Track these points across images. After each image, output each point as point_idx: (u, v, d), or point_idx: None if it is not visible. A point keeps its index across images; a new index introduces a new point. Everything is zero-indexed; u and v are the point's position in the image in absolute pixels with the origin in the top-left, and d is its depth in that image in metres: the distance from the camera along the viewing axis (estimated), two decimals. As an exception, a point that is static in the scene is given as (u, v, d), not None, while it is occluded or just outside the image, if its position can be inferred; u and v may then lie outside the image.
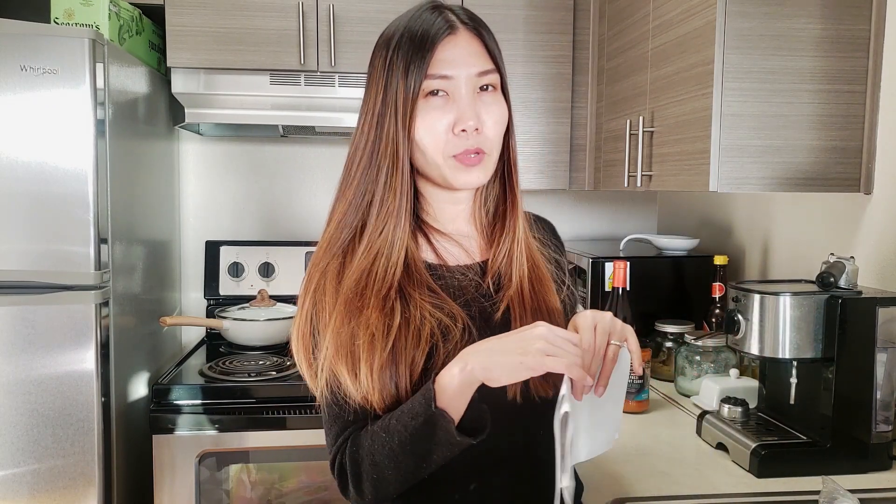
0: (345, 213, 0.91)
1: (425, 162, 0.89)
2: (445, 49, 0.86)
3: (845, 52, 1.36)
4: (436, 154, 0.87)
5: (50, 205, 1.56)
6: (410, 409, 0.80)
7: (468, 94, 0.87)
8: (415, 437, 0.79)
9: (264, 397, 1.79)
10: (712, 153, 1.35)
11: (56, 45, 1.52)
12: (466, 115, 0.86)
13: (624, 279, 1.55)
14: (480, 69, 0.88)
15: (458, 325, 0.87)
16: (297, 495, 1.85)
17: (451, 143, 0.87)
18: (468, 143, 0.87)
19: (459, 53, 0.87)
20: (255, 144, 2.39)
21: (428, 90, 0.86)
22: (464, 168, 0.88)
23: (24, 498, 1.59)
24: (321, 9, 1.98)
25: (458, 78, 0.87)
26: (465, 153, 0.87)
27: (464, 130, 0.86)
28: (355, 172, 0.90)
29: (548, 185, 2.13)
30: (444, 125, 0.87)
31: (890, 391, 1.18)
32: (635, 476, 1.19)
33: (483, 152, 0.89)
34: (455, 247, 0.95)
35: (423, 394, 0.80)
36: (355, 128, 0.92)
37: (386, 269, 0.87)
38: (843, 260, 1.22)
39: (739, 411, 1.33)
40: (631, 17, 1.76)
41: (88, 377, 1.60)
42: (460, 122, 0.86)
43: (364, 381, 0.83)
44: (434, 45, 0.86)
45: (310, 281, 0.91)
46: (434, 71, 0.86)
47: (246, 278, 2.30)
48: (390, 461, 0.81)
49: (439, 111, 0.87)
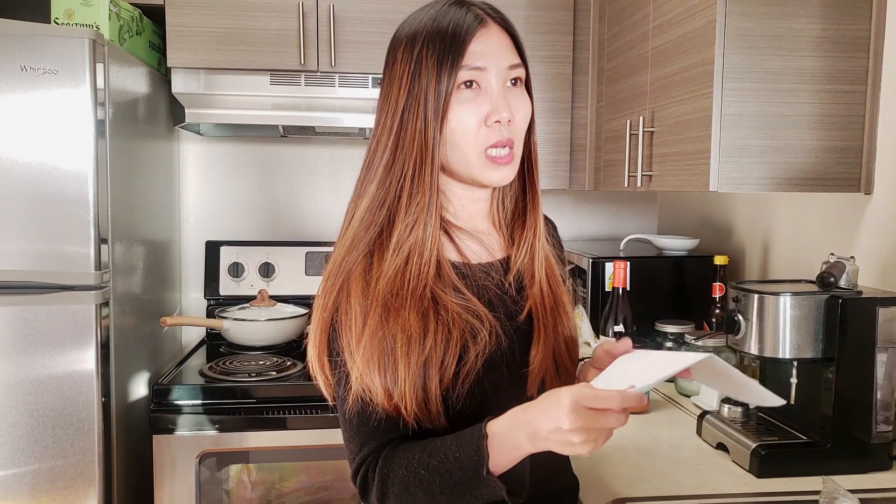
0: (368, 211, 0.88)
1: (455, 158, 0.88)
2: (479, 42, 0.86)
3: (845, 52, 1.36)
4: (469, 148, 0.87)
5: (50, 205, 1.56)
6: (457, 458, 0.79)
7: (499, 87, 0.87)
8: (458, 487, 0.79)
9: (264, 397, 1.79)
10: (712, 153, 1.35)
11: (56, 45, 1.52)
12: (500, 106, 0.86)
13: (624, 279, 1.55)
14: (511, 62, 0.88)
15: (486, 326, 0.86)
16: (297, 495, 1.85)
17: (484, 135, 0.87)
18: (501, 135, 0.87)
19: (492, 46, 0.87)
20: (255, 144, 2.39)
21: (461, 83, 0.86)
22: (494, 166, 0.88)
23: (24, 498, 1.59)
24: (321, 9, 1.98)
25: (490, 70, 0.86)
26: (498, 144, 0.87)
27: (498, 122, 0.86)
28: (378, 169, 0.89)
29: (548, 185, 2.13)
30: (476, 118, 0.86)
31: (890, 391, 1.18)
32: (635, 476, 1.19)
33: (513, 145, 0.89)
34: (477, 244, 0.94)
35: (474, 448, 0.78)
36: (374, 127, 0.91)
37: (420, 267, 0.86)
38: (843, 260, 1.22)
39: (739, 411, 1.33)
40: (631, 17, 1.76)
41: (88, 377, 1.60)
42: (494, 113, 0.86)
43: (400, 385, 0.82)
44: (467, 37, 0.85)
45: (333, 282, 0.88)
46: (468, 62, 0.85)
47: (246, 278, 2.30)
48: (426, 495, 0.80)
49: (471, 104, 0.86)
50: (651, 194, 2.58)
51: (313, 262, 2.33)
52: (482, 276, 0.92)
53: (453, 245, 0.93)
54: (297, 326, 2.11)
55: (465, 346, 0.85)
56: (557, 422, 0.73)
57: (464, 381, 0.84)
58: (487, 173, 0.88)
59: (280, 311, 2.16)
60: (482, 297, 0.90)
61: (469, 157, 0.87)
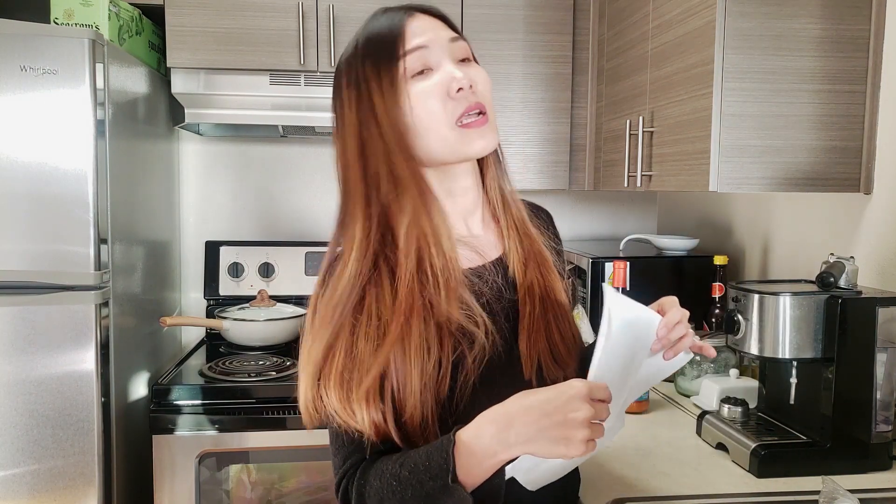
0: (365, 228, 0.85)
1: (429, 143, 0.86)
2: (412, 27, 0.86)
3: (845, 52, 1.36)
4: (441, 126, 0.85)
5: (50, 205, 1.56)
6: (427, 468, 0.76)
7: (450, 58, 0.86)
8: (430, 498, 0.76)
9: (264, 397, 1.79)
10: (712, 153, 1.35)
11: (56, 45, 1.52)
12: (455, 74, 0.85)
13: (624, 279, 1.55)
14: (450, 36, 0.88)
15: (481, 331, 0.84)
16: (297, 495, 1.85)
17: (451, 108, 0.85)
18: (468, 101, 0.85)
19: (426, 27, 0.87)
20: (255, 144, 2.39)
21: (412, 72, 0.85)
22: (474, 132, 0.86)
23: (24, 498, 1.59)
24: (321, 9, 1.98)
25: (432, 45, 0.85)
26: (468, 110, 0.85)
27: (460, 89, 0.84)
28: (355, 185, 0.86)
29: (548, 185, 2.13)
30: (438, 96, 0.84)
31: (890, 391, 1.18)
32: (635, 476, 1.19)
33: (484, 109, 0.87)
34: (467, 249, 0.92)
35: (443, 457, 0.75)
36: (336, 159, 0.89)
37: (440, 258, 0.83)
38: (843, 260, 1.22)
39: (739, 411, 1.33)
40: (631, 17, 1.77)
41: (88, 377, 1.60)
42: (454, 81, 0.84)
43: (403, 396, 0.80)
44: (400, 29, 0.85)
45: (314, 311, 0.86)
46: (409, 46, 0.85)
47: (246, 278, 2.30)
48: None
49: (427, 86, 0.85)
50: (651, 194, 2.58)
51: (313, 262, 2.33)
52: (476, 280, 0.90)
53: None
54: (296, 326, 2.11)
55: (462, 353, 0.84)
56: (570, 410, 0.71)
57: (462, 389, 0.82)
58: (469, 142, 0.86)
59: (280, 311, 2.16)
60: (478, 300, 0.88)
61: (445, 135, 0.85)
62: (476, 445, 0.75)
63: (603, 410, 0.73)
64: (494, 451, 0.74)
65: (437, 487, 0.75)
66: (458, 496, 0.74)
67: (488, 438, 0.74)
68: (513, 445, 0.74)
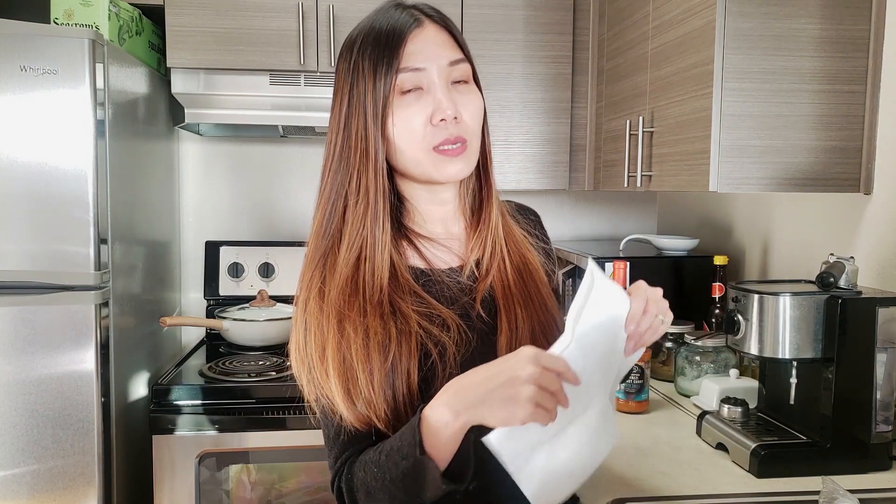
0: (321, 223, 0.89)
1: (406, 160, 0.88)
2: (415, 42, 0.86)
3: (845, 52, 1.36)
4: (416, 149, 0.86)
5: (50, 205, 1.56)
6: (399, 448, 0.78)
7: (443, 85, 0.86)
8: (405, 477, 0.78)
9: (264, 397, 1.79)
10: (712, 153, 1.35)
11: (56, 45, 1.52)
12: (443, 104, 0.85)
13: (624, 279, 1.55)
14: (451, 58, 0.87)
15: (451, 329, 0.86)
16: (296, 495, 1.85)
17: (431, 135, 0.86)
18: (448, 132, 0.86)
19: (429, 45, 0.86)
20: (255, 144, 2.39)
21: (402, 89, 0.85)
22: (447, 160, 0.87)
23: (24, 498, 1.59)
24: (321, 9, 1.98)
25: (430, 70, 0.86)
26: (446, 142, 0.86)
27: (443, 120, 0.85)
28: (327, 180, 0.89)
29: (548, 185, 2.13)
30: (421, 120, 0.85)
31: (890, 391, 1.18)
32: (635, 476, 1.19)
33: (464, 140, 0.87)
34: (441, 250, 0.94)
35: (411, 433, 0.77)
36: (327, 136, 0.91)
37: (372, 272, 0.86)
38: (843, 260, 1.22)
39: (739, 411, 1.33)
40: (631, 18, 1.77)
41: (88, 377, 1.60)
42: (438, 111, 0.85)
43: (365, 394, 0.82)
44: (402, 40, 0.85)
45: (299, 297, 0.89)
46: (406, 64, 0.85)
47: (246, 278, 2.30)
48: (384, 494, 0.80)
49: (415, 107, 0.85)
50: (651, 194, 2.58)
51: (313, 262, 2.32)
52: (448, 280, 0.91)
53: (417, 253, 0.93)
54: (296, 326, 2.11)
55: (428, 352, 0.84)
56: (514, 370, 0.72)
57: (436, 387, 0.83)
58: (441, 168, 0.87)
59: (280, 311, 2.16)
60: (450, 303, 0.89)
61: (419, 157, 0.87)
62: (432, 417, 0.76)
63: (552, 380, 0.72)
64: (446, 421, 0.75)
65: (410, 465, 0.77)
66: (429, 469, 0.76)
67: (442, 407, 0.76)
68: (461, 411, 0.75)
